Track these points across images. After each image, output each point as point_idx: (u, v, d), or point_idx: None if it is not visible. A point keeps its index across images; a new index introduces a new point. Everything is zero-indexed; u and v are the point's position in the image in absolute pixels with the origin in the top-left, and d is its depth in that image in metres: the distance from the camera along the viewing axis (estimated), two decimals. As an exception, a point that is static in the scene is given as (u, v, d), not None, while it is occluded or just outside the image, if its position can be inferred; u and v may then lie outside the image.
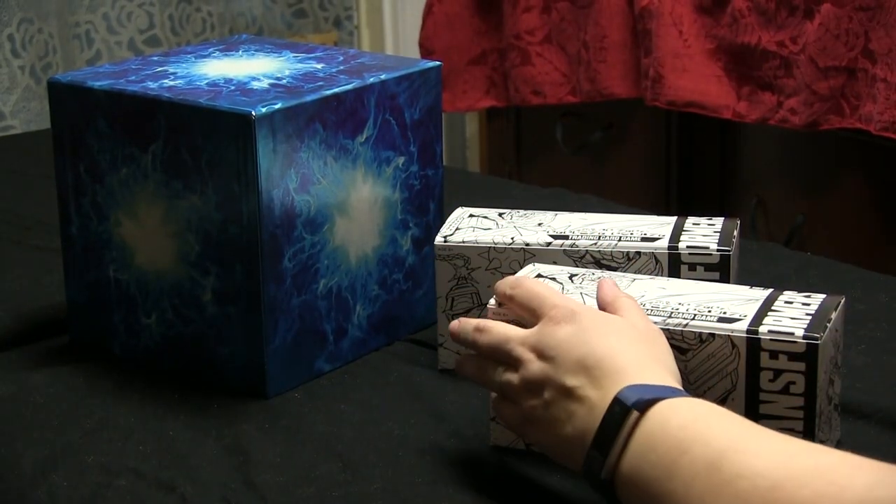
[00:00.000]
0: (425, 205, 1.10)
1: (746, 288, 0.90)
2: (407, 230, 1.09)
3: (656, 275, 0.98)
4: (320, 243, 1.01)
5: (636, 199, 2.00)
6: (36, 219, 1.36)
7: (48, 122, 1.07)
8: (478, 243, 1.01)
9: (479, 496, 0.86)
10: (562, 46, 2.08)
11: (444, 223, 1.06)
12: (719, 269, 0.97)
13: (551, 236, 1.01)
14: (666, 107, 1.94)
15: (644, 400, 0.75)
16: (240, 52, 1.12)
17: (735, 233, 1.00)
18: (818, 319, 0.84)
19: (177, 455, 0.92)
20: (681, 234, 1.00)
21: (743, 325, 0.84)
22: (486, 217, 1.06)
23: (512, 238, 1.01)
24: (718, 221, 1.02)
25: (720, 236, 0.99)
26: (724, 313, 0.86)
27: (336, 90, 1.00)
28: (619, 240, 0.99)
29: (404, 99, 1.06)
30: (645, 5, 1.93)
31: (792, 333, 0.83)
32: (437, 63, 1.09)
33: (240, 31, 2.65)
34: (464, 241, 1.01)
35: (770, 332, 0.83)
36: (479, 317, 0.90)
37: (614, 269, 0.98)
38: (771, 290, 0.89)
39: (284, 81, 1.02)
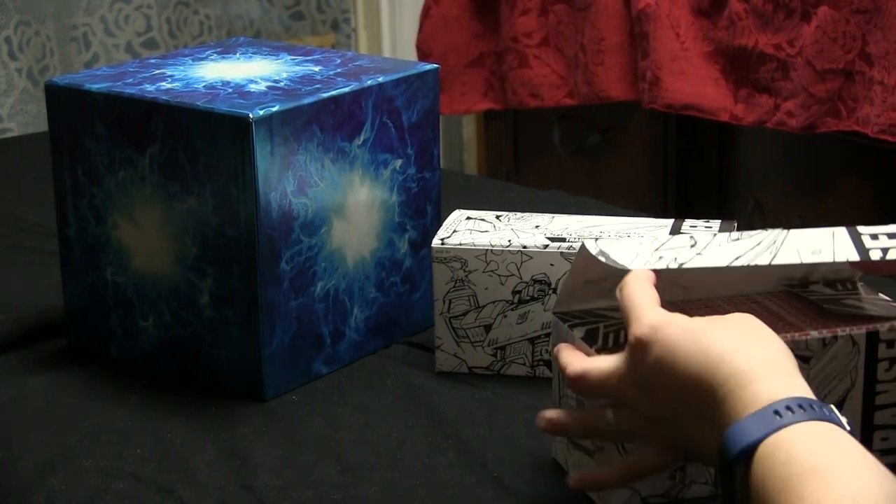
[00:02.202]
0: (422, 207, 1.10)
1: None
2: (404, 233, 1.09)
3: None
4: (317, 246, 1.01)
5: (633, 202, 2.00)
6: (33, 222, 1.36)
7: (45, 125, 1.07)
8: (475, 246, 1.01)
9: (476, 497, 0.86)
10: (559, 49, 2.08)
11: (441, 226, 1.06)
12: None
13: (548, 238, 1.01)
14: (663, 109, 1.94)
15: (746, 449, 0.68)
16: (237, 55, 1.12)
17: None
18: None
19: (175, 458, 0.92)
20: (678, 237, 0.99)
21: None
22: (483, 219, 1.06)
23: (509, 240, 1.01)
24: (715, 224, 1.02)
25: (717, 239, 0.99)
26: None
27: (333, 93, 1.00)
28: (617, 242, 0.99)
29: (402, 101, 1.06)
30: (642, 8, 1.93)
31: None
32: (435, 66, 1.09)
33: (237, 34, 2.65)
34: (461, 244, 1.01)
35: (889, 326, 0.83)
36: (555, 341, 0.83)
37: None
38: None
39: (282, 84, 1.02)
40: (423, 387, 1.01)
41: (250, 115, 0.95)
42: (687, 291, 0.88)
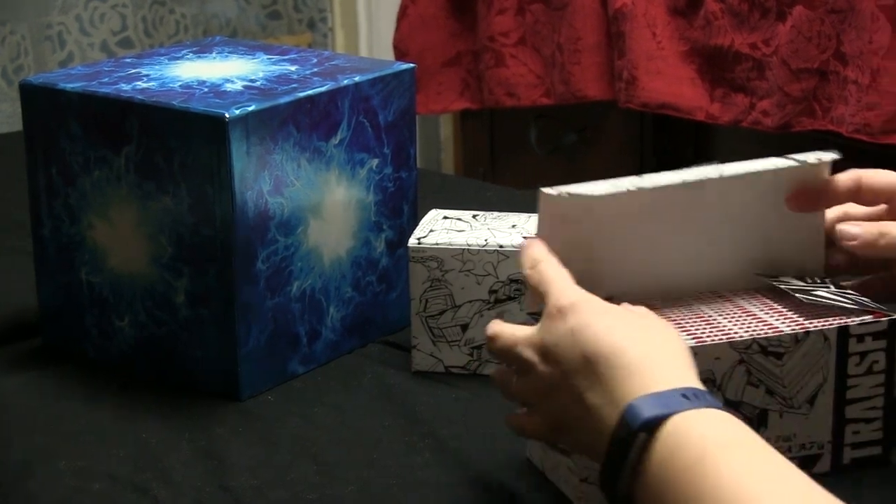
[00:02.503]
0: (399, 207, 1.10)
1: None
2: (381, 232, 1.09)
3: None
4: (294, 245, 1.01)
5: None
6: (8, 221, 1.36)
7: (20, 125, 1.07)
8: (452, 245, 1.01)
9: (453, 497, 0.86)
10: (536, 48, 2.09)
11: (417, 225, 1.06)
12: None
13: (525, 238, 1.01)
14: (639, 109, 1.95)
15: (653, 419, 0.70)
16: (213, 54, 1.12)
17: None
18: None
19: (151, 458, 0.92)
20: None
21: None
22: (459, 219, 1.06)
23: (486, 240, 1.01)
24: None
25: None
26: None
27: (310, 92, 1.00)
28: (593, 241, 0.99)
29: (378, 101, 1.06)
30: (619, 7, 1.93)
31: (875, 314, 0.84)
32: (412, 65, 1.09)
33: (213, 33, 2.64)
34: (438, 244, 1.02)
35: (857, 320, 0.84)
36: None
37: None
38: None
39: (258, 83, 1.02)
40: (400, 386, 1.01)
41: (226, 115, 0.94)
42: (658, 284, 0.88)
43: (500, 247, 1.00)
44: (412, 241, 1.02)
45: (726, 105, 1.86)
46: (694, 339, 0.83)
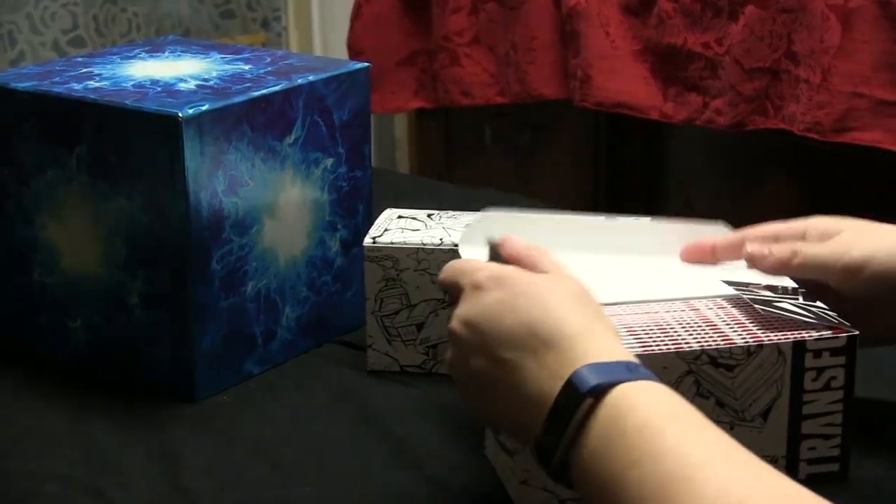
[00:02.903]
0: (354, 206, 1.10)
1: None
2: (335, 232, 1.09)
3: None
4: (248, 245, 1.01)
5: (565, 200, 2.01)
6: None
7: (-29, 125, 1.06)
8: (406, 244, 1.01)
9: (410, 496, 0.86)
10: (490, 47, 2.09)
11: (372, 224, 1.06)
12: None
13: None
14: (594, 108, 1.96)
15: (600, 385, 0.69)
16: (166, 54, 1.11)
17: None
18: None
19: (105, 460, 0.91)
20: (608, 234, 1.00)
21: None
22: (414, 218, 1.06)
23: (441, 239, 1.01)
24: (645, 220, 1.03)
25: (647, 236, 1.00)
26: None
27: (264, 91, 1.00)
28: (548, 240, 1.00)
29: (333, 100, 1.06)
30: (572, 6, 1.94)
31: (834, 329, 0.83)
32: (366, 64, 1.09)
33: (166, 32, 2.63)
34: (392, 243, 1.02)
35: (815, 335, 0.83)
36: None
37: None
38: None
39: (212, 83, 1.02)
40: (355, 386, 1.01)
41: (180, 115, 0.94)
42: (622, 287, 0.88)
43: (455, 246, 1.01)
44: (367, 241, 1.02)
45: (680, 104, 1.87)
46: (641, 346, 0.81)
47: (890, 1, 1.63)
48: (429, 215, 1.06)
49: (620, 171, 2.13)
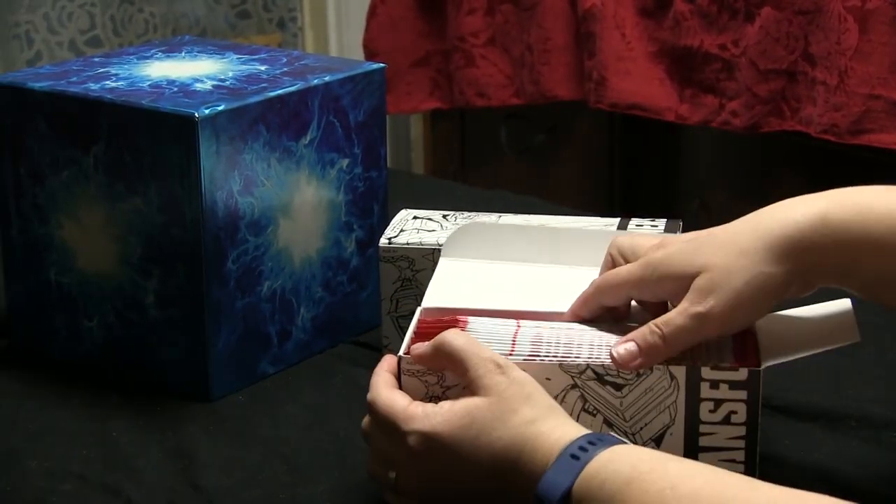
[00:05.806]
0: (369, 207, 1.10)
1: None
2: (351, 232, 1.09)
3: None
4: (264, 245, 1.01)
5: (580, 201, 2.01)
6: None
7: (-12, 124, 1.06)
8: (422, 245, 1.01)
9: (424, 497, 0.86)
10: (505, 49, 2.09)
11: (388, 225, 1.06)
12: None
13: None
14: (609, 109, 1.95)
15: (562, 498, 0.72)
16: (182, 54, 1.11)
17: (677, 233, 1.00)
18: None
19: (121, 459, 0.91)
20: (624, 236, 1.00)
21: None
22: (430, 219, 1.06)
23: (456, 240, 1.01)
24: (661, 222, 1.03)
25: (663, 237, 1.00)
26: None
27: (280, 92, 1.00)
28: (563, 241, 1.00)
29: (348, 101, 1.06)
30: (588, 8, 1.94)
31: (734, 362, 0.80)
32: (381, 65, 1.09)
33: (182, 33, 2.63)
34: (408, 243, 1.02)
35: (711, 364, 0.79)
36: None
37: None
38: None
39: (228, 83, 1.02)
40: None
41: (196, 115, 0.94)
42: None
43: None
44: (382, 241, 1.02)
45: (695, 105, 1.86)
46: (524, 358, 0.80)
47: (907, 3, 1.63)
48: (444, 216, 1.06)
49: (635, 172, 2.13)
